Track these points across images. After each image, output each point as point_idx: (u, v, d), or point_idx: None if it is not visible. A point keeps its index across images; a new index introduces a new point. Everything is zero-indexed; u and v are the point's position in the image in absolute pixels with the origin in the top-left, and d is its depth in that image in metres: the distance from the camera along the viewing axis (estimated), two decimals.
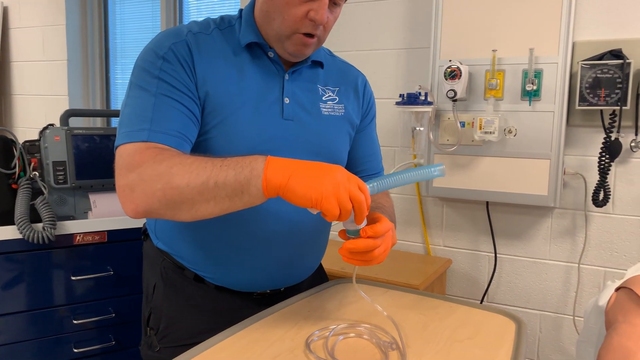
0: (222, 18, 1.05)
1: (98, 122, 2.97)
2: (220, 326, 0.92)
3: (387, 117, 1.98)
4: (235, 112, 0.97)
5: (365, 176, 1.19)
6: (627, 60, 1.53)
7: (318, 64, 1.10)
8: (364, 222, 0.83)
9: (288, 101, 1.03)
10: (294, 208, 0.81)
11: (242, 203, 0.81)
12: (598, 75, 1.56)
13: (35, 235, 1.48)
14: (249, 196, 0.79)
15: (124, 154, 0.88)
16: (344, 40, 2.07)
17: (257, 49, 1.03)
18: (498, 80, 1.66)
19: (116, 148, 0.91)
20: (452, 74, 1.66)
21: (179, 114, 0.92)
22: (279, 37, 0.98)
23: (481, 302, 1.91)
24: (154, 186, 0.82)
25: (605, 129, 1.61)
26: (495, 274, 1.89)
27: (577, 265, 1.76)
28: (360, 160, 1.20)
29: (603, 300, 1.08)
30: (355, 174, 1.11)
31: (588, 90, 1.58)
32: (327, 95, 1.10)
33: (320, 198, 0.75)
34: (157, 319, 1.10)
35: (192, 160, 0.83)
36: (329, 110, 1.09)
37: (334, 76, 1.14)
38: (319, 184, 0.76)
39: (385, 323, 0.93)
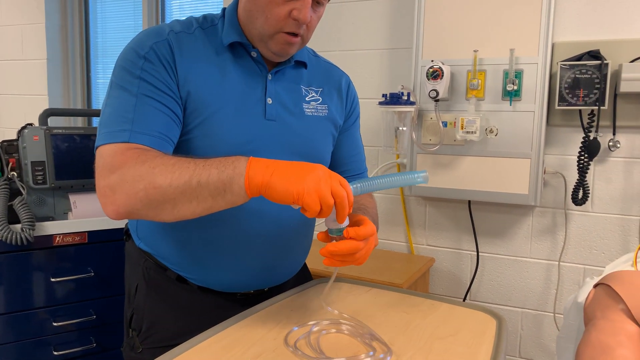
0: (204, 17, 1.04)
1: (79, 122, 2.93)
2: (204, 327, 0.91)
3: (371, 117, 1.99)
4: (217, 112, 0.97)
5: (349, 176, 1.19)
6: (605, 61, 1.56)
7: (302, 64, 1.10)
8: (346, 222, 0.83)
9: (271, 101, 1.03)
10: (277, 208, 0.81)
11: (225, 202, 0.81)
12: (577, 76, 1.59)
13: (14, 236, 1.45)
14: (232, 195, 0.79)
15: (105, 155, 0.87)
16: (327, 40, 2.07)
17: (240, 48, 1.02)
18: (479, 81, 1.68)
19: (96, 148, 0.90)
20: (434, 74, 1.68)
21: (161, 114, 0.91)
22: (262, 36, 0.98)
23: (464, 300, 1.93)
24: (136, 186, 0.81)
25: (584, 129, 1.63)
26: (478, 272, 1.90)
27: (557, 263, 1.79)
28: (344, 161, 1.20)
29: (582, 297, 1.10)
30: (339, 174, 1.12)
31: (567, 91, 1.61)
32: (310, 96, 1.10)
33: (302, 192, 0.76)
34: (139, 320, 1.09)
35: (174, 160, 0.82)
36: (312, 110, 1.09)
37: (318, 76, 1.14)
38: (300, 179, 0.76)
39: (366, 319, 0.94)
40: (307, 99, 1.09)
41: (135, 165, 0.82)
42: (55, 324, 1.60)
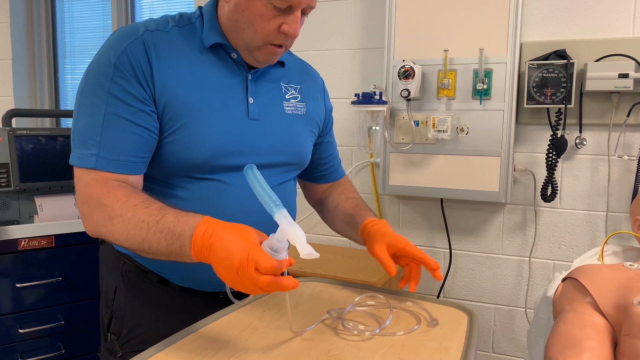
0: (181, 15, 1.03)
1: (47, 123, 2.86)
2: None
3: (343, 116, 2.00)
4: (199, 114, 0.96)
5: (327, 173, 1.26)
6: (571, 60, 1.59)
7: (279, 63, 1.11)
8: (284, 254, 0.77)
9: (252, 101, 1.03)
10: (257, 212, 0.82)
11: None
12: (544, 75, 1.62)
13: None
14: (182, 259, 0.84)
15: (79, 182, 0.92)
16: (299, 41, 2.05)
17: (220, 49, 1.01)
18: (450, 80, 1.70)
19: (70, 163, 0.93)
20: (406, 74, 1.69)
21: (130, 135, 0.91)
22: (248, 46, 0.98)
23: (437, 298, 1.94)
24: (100, 229, 0.90)
25: (551, 127, 1.67)
26: (451, 269, 1.92)
27: (528, 259, 1.82)
28: (325, 161, 1.25)
29: (551, 291, 1.12)
30: (318, 172, 1.23)
31: (535, 89, 1.64)
32: (290, 94, 1.11)
33: (245, 290, 0.76)
34: (119, 324, 1.07)
35: (132, 213, 0.85)
36: (292, 109, 1.10)
37: (295, 74, 1.15)
38: (234, 282, 0.76)
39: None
40: (287, 97, 1.10)
41: (98, 207, 0.88)
42: (21, 330, 1.55)
